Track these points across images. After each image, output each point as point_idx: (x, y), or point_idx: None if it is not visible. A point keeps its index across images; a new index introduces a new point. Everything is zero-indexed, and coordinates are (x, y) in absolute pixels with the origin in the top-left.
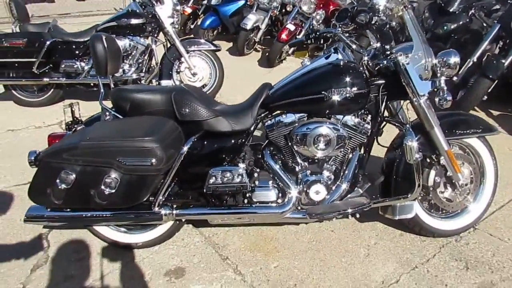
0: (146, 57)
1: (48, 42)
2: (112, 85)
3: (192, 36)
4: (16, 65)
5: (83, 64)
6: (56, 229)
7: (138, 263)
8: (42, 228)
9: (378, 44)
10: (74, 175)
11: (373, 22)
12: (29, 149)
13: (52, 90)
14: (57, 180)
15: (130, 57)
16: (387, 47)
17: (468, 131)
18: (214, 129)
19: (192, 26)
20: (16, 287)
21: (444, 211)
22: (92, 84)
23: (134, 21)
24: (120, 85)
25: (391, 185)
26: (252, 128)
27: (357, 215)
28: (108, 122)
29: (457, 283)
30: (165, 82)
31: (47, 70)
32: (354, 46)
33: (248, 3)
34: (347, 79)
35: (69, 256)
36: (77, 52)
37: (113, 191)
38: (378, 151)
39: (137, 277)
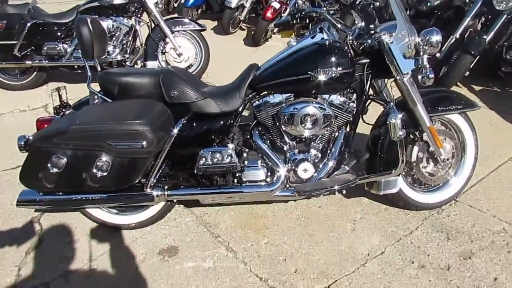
0: (130, 38)
1: (28, 24)
2: (99, 68)
3: (176, 15)
4: None
5: (65, 46)
6: (49, 212)
7: (132, 243)
8: (34, 211)
9: (363, 24)
10: (65, 159)
11: (357, 2)
12: (15, 133)
13: (35, 73)
14: (49, 165)
15: (114, 39)
16: (371, 26)
17: (449, 108)
18: (203, 111)
19: (175, 5)
20: (11, 269)
21: (426, 185)
22: (76, 67)
23: (116, 1)
24: (105, 67)
25: (376, 162)
26: (240, 109)
27: (344, 191)
28: (97, 105)
29: (439, 253)
30: (150, 63)
31: (29, 53)
32: (339, 26)
33: None
34: (333, 59)
35: (62, 239)
36: (59, 33)
37: (105, 174)
38: (364, 128)
39: (131, 257)
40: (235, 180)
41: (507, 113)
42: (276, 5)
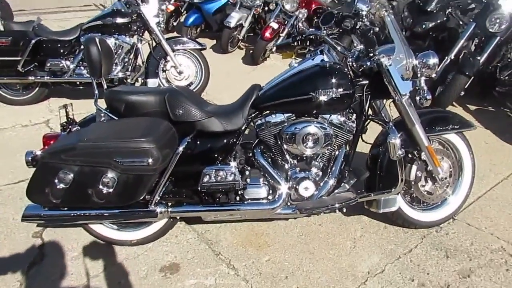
0: (131, 56)
1: (33, 41)
2: (105, 86)
3: (175, 33)
4: (1, 63)
5: (68, 62)
6: (51, 227)
7: (133, 260)
8: (36, 226)
9: (362, 46)
10: (72, 175)
11: (357, 27)
12: (17, 148)
13: (37, 88)
14: (56, 180)
15: (115, 56)
16: (370, 49)
17: (447, 127)
18: (207, 129)
19: (175, 24)
20: (13, 285)
21: (425, 204)
22: (78, 83)
23: (119, 20)
24: (106, 84)
25: (375, 180)
26: (243, 128)
27: (344, 209)
28: (104, 123)
29: (438, 271)
30: (151, 81)
31: (32, 69)
32: (339, 48)
33: (231, 0)
34: (333, 80)
35: (64, 254)
36: (62, 50)
37: (111, 190)
38: (363, 147)
39: (133, 273)
40: (237, 198)
41: (502, 132)
42: (275, 25)
